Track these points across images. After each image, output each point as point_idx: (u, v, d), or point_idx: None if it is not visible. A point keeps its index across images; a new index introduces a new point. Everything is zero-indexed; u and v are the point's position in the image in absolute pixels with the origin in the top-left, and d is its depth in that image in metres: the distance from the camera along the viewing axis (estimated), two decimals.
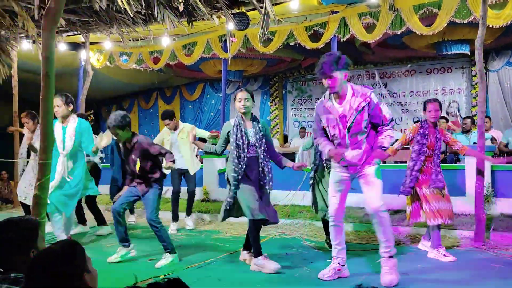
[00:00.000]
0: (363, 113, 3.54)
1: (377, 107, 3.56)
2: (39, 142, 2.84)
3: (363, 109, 3.53)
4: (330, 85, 3.53)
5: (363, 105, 3.52)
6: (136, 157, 4.34)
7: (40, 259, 1.52)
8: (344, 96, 3.58)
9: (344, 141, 3.61)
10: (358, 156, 3.61)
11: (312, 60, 10.40)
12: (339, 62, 3.52)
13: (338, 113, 3.57)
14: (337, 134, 3.62)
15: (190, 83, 12.57)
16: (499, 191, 5.79)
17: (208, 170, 7.74)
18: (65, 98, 4.91)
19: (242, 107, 4.13)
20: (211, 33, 7.86)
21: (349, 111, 3.54)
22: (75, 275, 1.50)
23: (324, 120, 3.67)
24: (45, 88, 2.78)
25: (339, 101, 3.60)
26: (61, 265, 1.48)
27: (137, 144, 4.32)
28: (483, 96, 4.91)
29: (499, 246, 4.67)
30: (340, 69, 3.52)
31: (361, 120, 3.54)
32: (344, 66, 3.54)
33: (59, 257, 1.50)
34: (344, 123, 3.56)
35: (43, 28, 2.88)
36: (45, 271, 1.46)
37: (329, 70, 3.49)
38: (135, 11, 4.94)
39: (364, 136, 3.60)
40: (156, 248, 4.73)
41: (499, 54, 9.08)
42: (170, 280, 1.06)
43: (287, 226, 6.00)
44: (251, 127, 4.18)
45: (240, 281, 3.77)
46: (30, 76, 8.60)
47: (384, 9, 6.45)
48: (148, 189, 4.37)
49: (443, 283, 3.58)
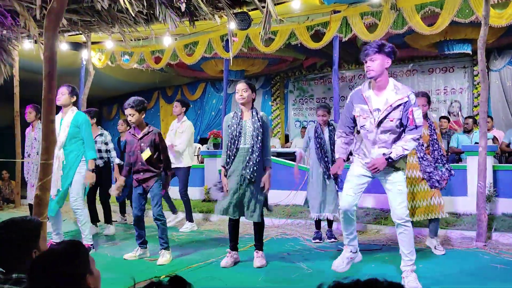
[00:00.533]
0: (398, 111, 3.38)
1: (411, 108, 3.37)
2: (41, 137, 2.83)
3: (398, 106, 3.37)
4: (369, 68, 3.39)
5: (400, 103, 3.37)
6: (145, 146, 4.41)
7: (42, 260, 1.51)
8: (383, 87, 3.44)
9: (372, 136, 3.46)
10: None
11: (313, 59, 10.39)
12: (384, 47, 3.40)
13: (373, 105, 3.43)
14: (367, 126, 3.47)
15: (191, 82, 12.57)
16: (501, 191, 5.77)
17: (210, 170, 7.74)
18: (72, 88, 4.88)
19: (240, 98, 4.20)
20: (212, 33, 7.86)
21: (384, 105, 3.39)
22: (77, 277, 1.49)
23: (358, 109, 3.51)
24: (47, 88, 2.78)
25: (377, 93, 3.46)
26: (62, 266, 1.47)
27: (151, 133, 4.44)
28: (485, 96, 4.90)
29: (500, 246, 4.67)
30: (383, 53, 3.38)
31: (394, 118, 3.38)
32: (388, 53, 3.40)
33: (61, 258, 1.49)
34: (377, 116, 3.41)
35: (46, 28, 2.88)
36: (47, 272, 1.44)
37: (372, 51, 3.37)
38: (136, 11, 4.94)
39: (394, 136, 3.45)
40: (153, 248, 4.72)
41: (501, 53, 9.06)
42: (172, 279, 1.05)
43: (288, 226, 6.00)
44: (249, 117, 4.21)
45: (241, 281, 3.77)
46: (31, 76, 8.61)
47: (386, 9, 6.43)
48: (152, 184, 4.44)
49: (444, 283, 3.57)
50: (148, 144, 4.42)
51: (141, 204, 4.53)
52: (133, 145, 4.50)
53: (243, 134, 4.17)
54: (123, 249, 4.89)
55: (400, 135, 3.46)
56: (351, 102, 3.59)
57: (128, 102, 4.40)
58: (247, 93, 4.20)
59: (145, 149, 4.41)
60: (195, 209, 6.93)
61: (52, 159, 2.73)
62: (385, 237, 5.28)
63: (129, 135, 4.58)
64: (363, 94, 3.49)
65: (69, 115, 4.83)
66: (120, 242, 5.42)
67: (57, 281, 1.44)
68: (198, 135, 12.09)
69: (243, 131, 4.18)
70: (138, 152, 4.44)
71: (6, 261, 1.77)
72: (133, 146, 4.49)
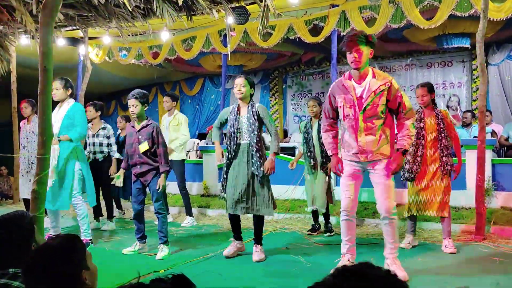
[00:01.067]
0: (381, 96, 3.42)
1: (398, 93, 3.46)
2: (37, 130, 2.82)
3: (381, 92, 3.42)
4: (355, 59, 3.41)
5: (382, 89, 3.42)
6: (143, 139, 4.42)
7: (39, 254, 1.50)
8: (364, 77, 3.48)
9: (357, 124, 3.48)
10: (371, 143, 3.47)
11: (312, 54, 10.35)
12: (368, 37, 3.43)
13: (356, 94, 3.47)
14: (351, 115, 3.50)
15: (189, 78, 12.53)
16: (499, 184, 5.78)
17: (208, 165, 7.73)
18: (65, 81, 4.80)
19: (238, 93, 4.21)
20: (210, 28, 7.82)
21: (367, 92, 3.43)
22: (73, 272, 1.48)
23: (340, 99, 3.54)
24: (43, 82, 2.76)
25: (358, 81, 3.50)
26: (58, 261, 1.46)
27: (150, 126, 4.46)
28: (484, 90, 4.89)
29: (499, 240, 4.68)
30: (369, 45, 3.43)
31: (378, 104, 3.43)
32: (373, 44, 3.45)
33: (56, 253, 1.48)
34: (361, 104, 3.44)
35: (41, 22, 2.86)
36: (42, 266, 1.44)
37: (356, 43, 3.39)
38: (133, 6, 4.92)
39: (380, 122, 3.47)
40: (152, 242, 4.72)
41: (500, 47, 9.03)
42: (174, 276, 1.04)
43: (287, 220, 6.01)
44: (245, 113, 4.20)
45: (240, 275, 3.77)
46: (29, 72, 8.57)
47: (384, 3, 6.41)
48: (150, 178, 4.44)
49: (443, 276, 3.58)
50: (146, 136, 4.43)
51: (140, 199, 4.53)
52: (132, 138, 4.51)
53: (240, 130, 4.20)
54: (122, 244, 4.89)
55: (385, 121, 3.50)
56: (332, 94, 3.64)
57: (133, 93, 4.44)
58: (245, 88, 4.20)
59: (143, 142, 4.41)
60: (194, 204, 6.93)
61: (49, 153, 2.71)
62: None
63: (129, 127, 4.61)
64: (345, 85, 3.54)
65: (65, 107, 4.78)
66: (119, 237, 5.42)
67: (53, 276, 1.43)
68: (197, 130, 12.07)
69: (240, 127, 4.20)
70: (136, 144, 4.45)
71: (2, 256, 1.76)
72: (132, 138, 4.50)
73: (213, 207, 6.79)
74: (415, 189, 4.40)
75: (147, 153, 4.43)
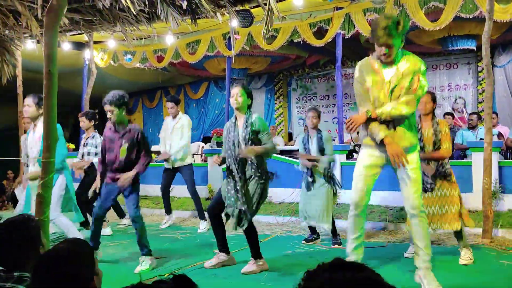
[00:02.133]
0: (407, 78, 3.14)
1: (419, 77, 3.15)
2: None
3: (408, 74, 3.14)
4: (385, 55, 3.11)
5: (409, 70, 3.14)
6: (125, 143, 4.12)
7: (46, 259, 1.48)
8: (394, 60, 3.19)
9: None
10: (399, 131, 3.18)
11: (316, 57, 10.36)
12: (399, 27, 3.04)
13: (386, 76, 3.18)
14: (381, 98, 3.18)
15: (194, 81, 12.57)
16: (506, 187, 5.73)
17: (213, 168, 7.72)
18: (38, 99, 4.39)
19: (234, 103, 3.92)
20: (215, 31, 7.85)
21: (395, 75, 3.16)
22: (86, 276, 1.46)
23: (369, 79, 3.22)
24: (48, 86, 2.77)
25: (389, 64, 3.20)
26: (71, 265, 1.44)
27: (133, 131, 4.17)
28: (490, 92, 4.85)
29: (507, 243, 4.63)
30: (399, 36, 3.07)
31: (404, 86, 3.14)
32: (403, 31, 3.09)
33: (70, 257, 1.46)
34: (389, 87, 3.17)
35: (46, 26, 2.87)
36: (51, 271, 1.41)
37: (388, 37, 3.02)
38: (138, 10, 4.92)
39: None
40: (157, 246, 4.72)
41: (506, 49, 8.99)
42: (176, 276, 1.04)
43: (292, 224, 5.98)
44: (241, 125, 3.91)
45: (245, 279, 3.75)
46: (34, 76, 8.62)
47: (389, 5, 6.40)
48: (130, 185, 4.13)
49: (450, 280, 3.54)
50: (130, 142, 4.14)
51: (108, 204, 4.21)
52: (113, 142, 4.20)
53: (237, 143, 3.91)
54: (117, 251, 4.88)
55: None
56: (361, 73, 3.27)
57: (107, 97, 4.12)
58: (241, 98, 3.90)
59: (124, 146, 4.13)
60: None
61: (54, 157, 2.72)
62: (391, 234, 5.25)
63: (109, 131, 4.25)
64: (373, 66, 3.24)
65: (39, 127, 4.27)
66: (116, 243, 5.41)
67: (64, 280, 1.40)
68: (202, 134, 12.09)
69: (236, 140, 3.91)
70: (118, 150, 4.15)
71: (7, 260, 1.76)
72: (114, 143, 4.19)
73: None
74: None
75: (130, 160, 4.16)
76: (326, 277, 0.81)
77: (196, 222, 6.31)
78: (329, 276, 0.81)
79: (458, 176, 5.73)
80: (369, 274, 0.82)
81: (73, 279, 1.42)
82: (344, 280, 0.79)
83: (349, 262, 0.86)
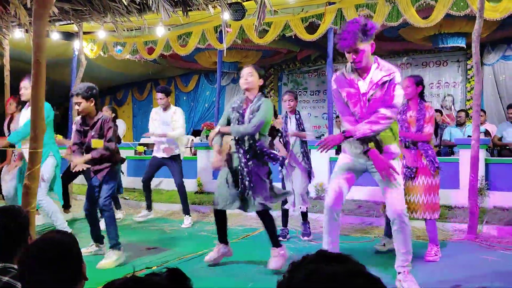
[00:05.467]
0: (384, 89, 3.04)
1: (394, 86, 3.04)
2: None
3: (384, 84, 3.04)
4: (356, 59, 3.00)
5: (385, 80, 3.03)
6: (96, 134, 4.04)
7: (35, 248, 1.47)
8: (368, 70, 3.09)
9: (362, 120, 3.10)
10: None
11: (308, 52, 10.36)
12: (367, 31, 2.93)
13: (361, 89, 3.09)
14: (357, 112, 3.12)
15: (185, 74, 12.50)
16: (492, 184, 5.81)
17: (203, 162, 7.72)
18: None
19: (244, 83, 3.73)
20: (206, 24, 7.80)
21: (370, 84, 3.07)
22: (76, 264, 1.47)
23: (344, 94, 3.15)
24: (36, 75, 2.74)
25: (361, 74, 3.12)
26: (63, 254, 1.44)
27: (101, 120, 4.06)
28: (479, 89, 4.90)
29: (492, 239, 4.70)
30: (368, 40, 2.97)
31: (381, 97, 3.06)
32: (372, 35, 2.99)
33: (60, 245, 1.46)
34: (366, 100, 3.09)
35: (34, 15, 2.83)
36: (39, 260, 1.41)
37: (354, 42, 2.93)
38: (129, 0, 4.88)
39: None
40: (151, 237, 4.71)
41: (495, 47, 9.08)
42: (169, 270, 1.04)
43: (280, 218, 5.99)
44: (249, 107, 3.71)
45: (233, 272, 3.76)
46: (22, 66, 8.50)
47: (381, 1, 6.42)
48: (106, 173, 4.09)
49: (435, 276, 3.59)
50: (99, 132, 4.06)
51: (94, 197, 4.12)
52: (84, 135, 4.13)
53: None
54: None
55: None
56: (336, 90, 3.23)
57: (74, 89, 4.06)
58: (252, 77, 3.70)
59: (96, 138, 4.06)
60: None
61: (41, 147, 2.69)
62: (378, 229, 5.29)
63: (78, 125, 4.19)
64: (347, 78, 3.16)
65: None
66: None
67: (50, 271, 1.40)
68: (191, 127, 12.04)
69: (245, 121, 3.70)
70: (90, 142, 4.07)
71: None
72: (85, 136, 4.12)
73: (207, 204, 6.76)
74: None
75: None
76: (311, 268, 0.82)
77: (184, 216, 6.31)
78: (314, 267, 0.82)
79: (445, 172, 5.82)
80: (354, 265, 0.83)
81: (61, 269, 1.42)
82: (329, 271, 0.80)
83: (334, 254, 0.87)
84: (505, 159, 6.16)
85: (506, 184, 5.74)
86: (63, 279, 1.42)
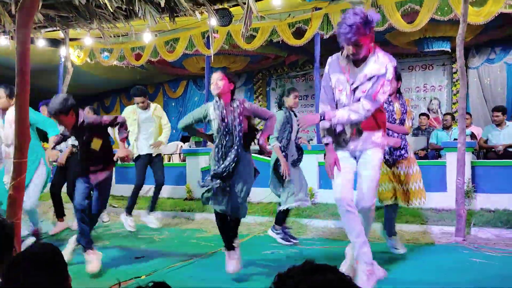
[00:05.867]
0: (370, 82, 2.99)
1: (382, 80, 2.96)
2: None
3: (372, 77, 2.98)
4: (355, 51, 2.91)
5: (375, 74, 2.97)
6: (87, 139, 3.94)
7: (20, 259, 1.45)
8: (365, 61, 3.00)
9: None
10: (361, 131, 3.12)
11: (295, 57, 10.40)
12: (368, 23, 2.82)
13: (351, 79, 3.04)
14: (342, 101, 3.09)
15: (173, 80, 12.46)
16: (479, 186, 5.87)
17: (192, 168, 7.67)
18: (9, 90, 4.49)
19: (214, 88, 3.64)
20: (193, 29, 7.80)
21: (360, 77, 3.01)
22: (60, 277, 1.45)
23: (334, 80, 3.11)
24: (20, 84, 2.70)
25: (357, 64, 3.03)
26: (45, 267, 1.42)
27: (85, 124, 3.91)
28: (464, 93, 4.96)
29: (479, 241, 4.74)
30: (368, 32, 2.86)
31: (366, 89, 3.00)
32: (372, 28, 2.89)
33: (44, 258, 1.44)
34: (352, 90, 3.04)
35: (18, 24, 2.80)
36: (24, 272, 1.39)
37: (356, 36, 2.81)
38: (115, 7, 4.85)
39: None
40: (140, 246, 4.66)
41: (479, 51, 9.21)
42: (156, 284, 1.02)
43: (270, 223, 5.98)
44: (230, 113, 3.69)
45: (224, 281, 3.72)
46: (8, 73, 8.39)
47: (367, 6, 6.46)
48: (101, 178, 4.02)
49: (424, 278, 3.61)
50: (89, 135, 3.95)
51: (86, 194, 3.98)
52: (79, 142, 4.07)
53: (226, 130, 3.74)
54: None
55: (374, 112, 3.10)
56: (328, 73, 3.18)
57: (50, 108, 3.80)
58: (222, 81, 3.61)
59: (94, 139, 3.96)
60: (177, 208, 6.86)
61: (26, 157, 2.65)
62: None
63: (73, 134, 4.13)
64: (341, 64, 3.09)
65: (11, 111, 4.37)
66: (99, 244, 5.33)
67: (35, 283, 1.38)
68: (180, 133, 11.99)
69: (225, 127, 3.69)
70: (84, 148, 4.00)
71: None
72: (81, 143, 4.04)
73: (197, 211, 6.72)
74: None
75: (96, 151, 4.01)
76: (297, 280, 0.82)
77: (173, 223, 6.27)
78: (299, 279, 0.82)
79: (432, 175, 5.87)
80: (339, 276, 0.84)
81: (46, 281, 1.40)
82: (314, 283, 0.80)
83: (320, 265, 0.87)
84: (491, 162, 6.23)
85: (492, 186, 5.80)
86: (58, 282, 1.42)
